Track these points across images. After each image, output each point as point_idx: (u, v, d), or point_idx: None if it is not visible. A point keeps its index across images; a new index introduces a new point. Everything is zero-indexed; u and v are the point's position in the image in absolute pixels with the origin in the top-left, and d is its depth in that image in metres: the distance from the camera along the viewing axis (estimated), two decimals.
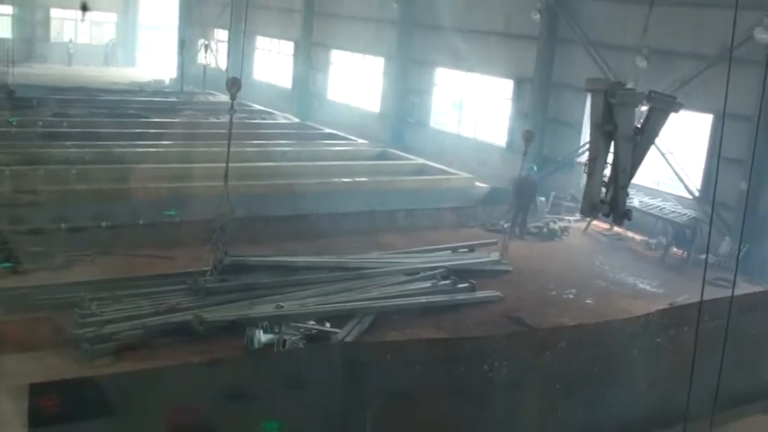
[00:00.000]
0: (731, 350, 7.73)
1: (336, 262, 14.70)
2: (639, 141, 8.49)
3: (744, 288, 13.56)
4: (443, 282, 14.50)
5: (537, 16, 22.59)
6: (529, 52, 23.02)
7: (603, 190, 8.98)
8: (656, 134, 8.66)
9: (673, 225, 18.47)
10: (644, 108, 9.73)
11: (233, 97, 13.59)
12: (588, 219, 20.12)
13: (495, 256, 16.34)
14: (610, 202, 8.39)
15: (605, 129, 8.23)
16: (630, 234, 19.66)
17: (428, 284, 14.35)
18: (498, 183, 21.37)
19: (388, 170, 23.33)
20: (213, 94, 32.90)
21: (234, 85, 13.43)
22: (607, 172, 8.73)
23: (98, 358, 10.64)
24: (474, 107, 26.37)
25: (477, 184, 22.72)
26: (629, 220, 8.54)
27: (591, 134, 8.39)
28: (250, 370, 8.11)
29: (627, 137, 8.34)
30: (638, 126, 8.62)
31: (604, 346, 9.49)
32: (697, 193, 19.01)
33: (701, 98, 18.18)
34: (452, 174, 23.28)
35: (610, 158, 8.83)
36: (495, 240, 17.47)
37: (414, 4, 27.78)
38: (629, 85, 9.05)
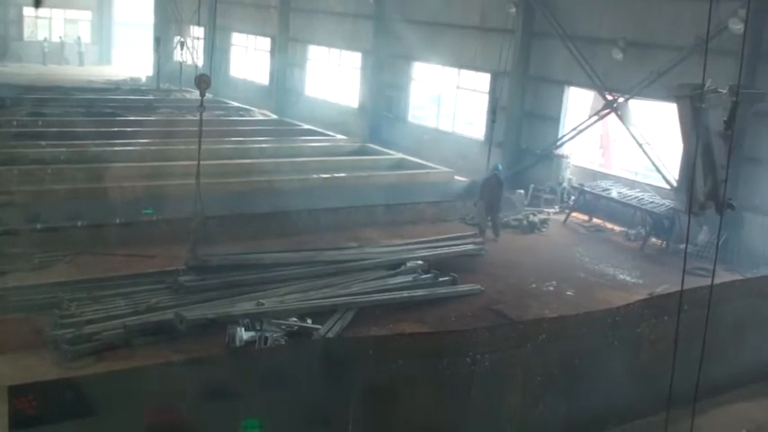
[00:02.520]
0: (711, 339, 7.79)
1: (305, 256, 14.62)
2: (728, 136, 8.56)
3: (723, 277, 13.66)
4: (425, 276, 14.51)
5: (513, 10, 22.63)
6: (505, 46, 23.03)
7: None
8: (740, 125, 8.77)
9: (651, 215, 18.58)
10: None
11: (202, 94, 13.48)
12: (567, 211, 20.25)
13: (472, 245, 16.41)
14: (711, 196, 8.51)
15: (697, 133, 8.30)
16: (609, 225, 19.77)
17: (409, 278, 14.35)
18: (477, 176, 21.40)
19: (366, 165, 23.30)
20: (190, 91, 32.70)
21: (203, 81, 13.31)
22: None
23: (78, 359, 10.55)
24: (452, 101, 26.38)
25: (457, 177, 22.74)
26: (733, 209, 8.64)
27: (684, 141, 8.48)
28: (231, 368, 8.06)
29: (719, 135, 8.41)
30: (726, 120, 8.68)
31: (585, 338, 9.52)
32: (675, 184, 19.12)
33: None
34: (431, 168, 23.29)
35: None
36: (474, 233, 17.52)
37: None
38: (709, 85, 9.10)
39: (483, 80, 24.57)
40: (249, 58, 36.90)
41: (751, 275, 14.85)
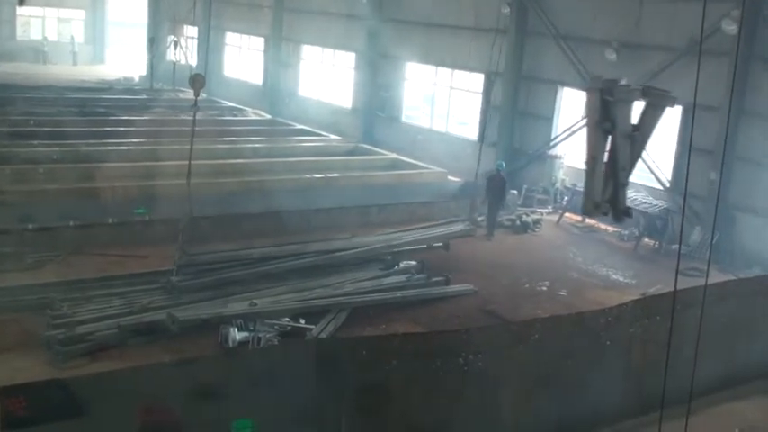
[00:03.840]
0: (703, 339, 7.80)
1: (294, 248, 14.60)
2: (637, 138, 8.50)
3: (716, 277, 13.70)
4: (418, 276, 14.50)
5: (506, 10, 22.62)
6: (499, 46, 23.03)
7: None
8: (652, 129, 8.66)
9: (644, 216, 18.60)
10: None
11: (196, 94, 13.45)
12: (560, 211, 20.25)
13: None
14: (610, 200, 8.40)
15: (603, 127, 8.24)
16: (603, 226, 19.78)
17: (403, 279, 14.35)
18: (471, 177, 21.40)
19: (360, 165, 23.27)
20: (183, 91, 32.61)
21: (197, 81, 13.30)
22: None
23: (71, 360, 10.52)
24: (445, 101, 26.37)
25: (450, 178, 22.73)
26: (630, 217, 8.56)
27: (589, 134, 8.37)
28: (224, 368, 8.04)
29: (625, 134, 8.35)
30: (635, 123, 8.64)
31: (578, 338, 9.52)
32: (668, 184, 19.15)
33: (671, 90, 18.28)
34: (425, 168, 23.28)
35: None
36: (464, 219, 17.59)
37: None
38: (624, 82, 9.06)
39: (476, 80, 24.55)
40: (243, 57, 36.83)
41: (744, 275, 14.89)
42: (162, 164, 19.74)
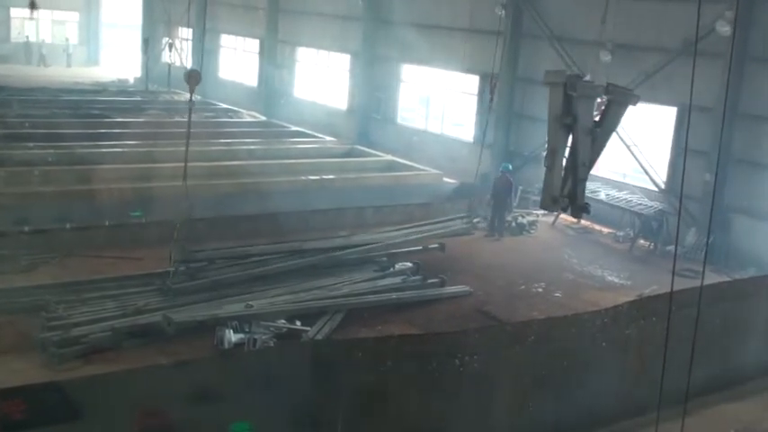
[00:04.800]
0: (699, 340, 7.81)
1: (292, 246, 14.61)
2: (598, 134, 8.50)
3: (711, 278, 13.70)
4: (413, 277, 14.51)
5: (501, 11, 22.64)
6: (494, 48, 23.02)
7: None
8: (614, 127, 8.68)
9: (639, 217, 18.64)
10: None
11: (192, 90, 13.42)
12: (555, 213, 20.26)
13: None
14: (569, 195, 8.38)
15: (564, 122, 8.22)
16: (598, 227, 19.81)
17: (398, 280, 14.34)
18: (467, 178, 21.40)
19: (355, 167, 23.28)
20: (178, 92, 32.60)
21: (192, 76, 13.27)
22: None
23: (66, 362, 10.49)
24: (441, 103, 26.39)
25: (446, 179, 22.74)
26: (588, 213, 8.53)
27: (549, 127, 8.37)
28: (220, 370, 8.04)
29: (586, 129, 8.34)
30: (597, 119, 8.63)
31: (574, 339, 9.53)
32: (663, 185, 19.19)
33: (665, 91, 18.42)
34: (420, 170, 23.29)
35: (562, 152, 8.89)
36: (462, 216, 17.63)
37: (379, 0, 27.73)
38: (587, 78, 9.09)
39: (472, 82, 24.58)
40: (238, 59, 36.81)
41: (739, 276, 14.92)
42: (157, 166, 19.73)
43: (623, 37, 19.79)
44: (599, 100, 9.00)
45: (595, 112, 8.85)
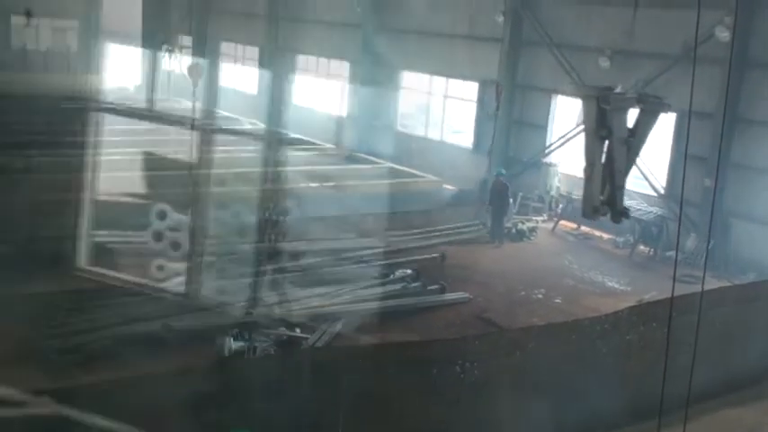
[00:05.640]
0: (699, 345, 7.79)
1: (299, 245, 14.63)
2: (633, 143, 8.69)
3: (710, 283, 13.70)
4: (413, 284, 14.49)
5: (501, 18, 22.69)
6: (493, 55, 23.10)
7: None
8: (647, 134, 8.86)
9: (639, 223, 18.63)
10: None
11: (195, 84, 13.46)
12: (556, 219, 20.27)
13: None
14: (608, 201, 8.60)
15: (600, 134, 8.38)
16: (598, 233, 19.80)
17: (398, 287, 14.33)
18: (466, 185, 21.42)
19: (355, 174, 23.26)
20: (178, 101, 32.62)
21: (194, 70, 13.32)
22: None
23: (66, 370, 10.47)
24: (440, 110, 26.39)
25: (445, 186, 22.74)
26: (627, 217, 8.75)
27: (586, 140, 8.56)
28: (220, 378, 8.02)
29: (621, 140, 8.51)
30: (631, 128, 8.78)
31: (574, 345, 9.52)
32: (662, 191, 19.19)
33: (665, 97, 18.35)
34: (420, 177, 23.28)
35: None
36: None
37: (378, 7, 27.76)
38: (619, 89, 9.22)
39: (471, 89, 24.59)
40: (238, 67, 36.81)
41: (739, 282, 14.91)
42: (157, 173, 19.68)
43: (622, 43, 19.82)
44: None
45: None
